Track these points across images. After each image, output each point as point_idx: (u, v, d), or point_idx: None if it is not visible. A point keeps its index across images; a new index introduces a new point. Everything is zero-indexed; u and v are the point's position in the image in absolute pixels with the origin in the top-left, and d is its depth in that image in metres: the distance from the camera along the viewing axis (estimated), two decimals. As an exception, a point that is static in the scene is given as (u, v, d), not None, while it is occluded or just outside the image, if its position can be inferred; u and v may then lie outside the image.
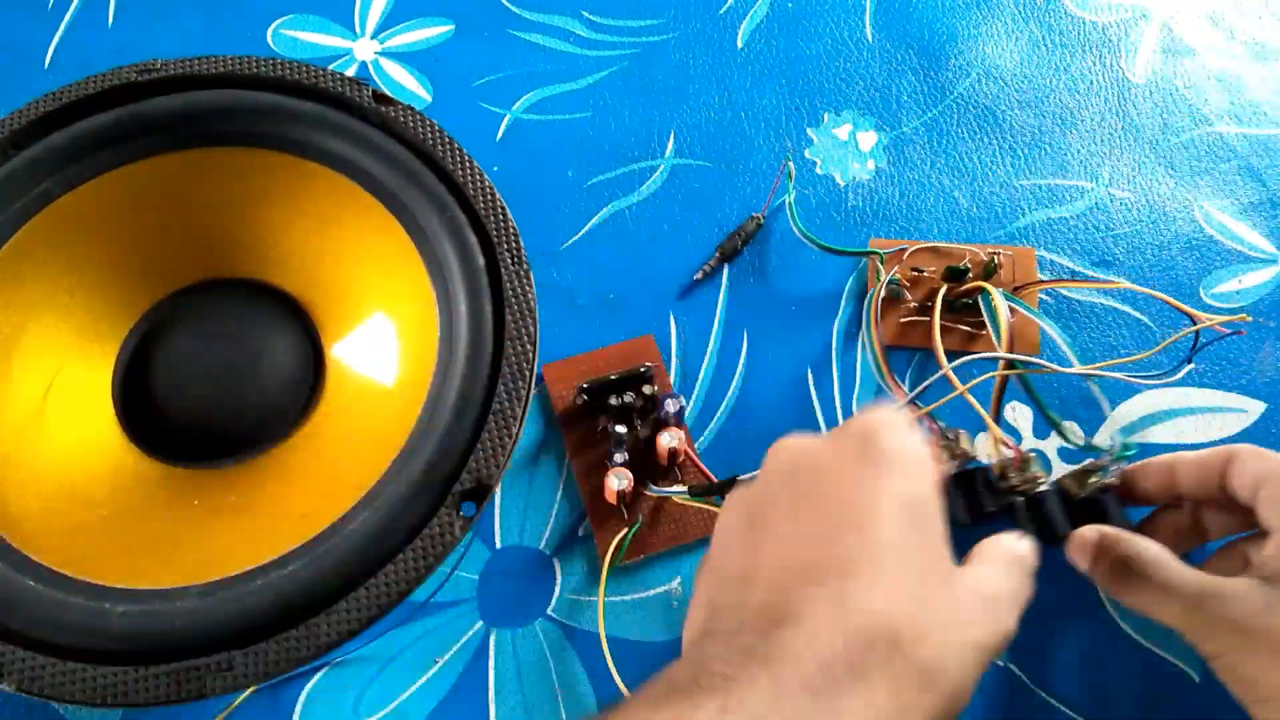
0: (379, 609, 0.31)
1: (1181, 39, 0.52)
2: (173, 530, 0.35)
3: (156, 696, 0.30)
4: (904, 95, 0.50)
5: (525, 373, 0.35)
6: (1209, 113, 0.50)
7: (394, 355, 0.38)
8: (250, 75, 0.40)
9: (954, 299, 0.42)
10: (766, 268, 0.45)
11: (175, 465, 0.38)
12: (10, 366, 0.37)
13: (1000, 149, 0.49)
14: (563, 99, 0.50)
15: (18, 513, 0.34)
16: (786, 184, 0.45)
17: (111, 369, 0.39)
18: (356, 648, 0.37)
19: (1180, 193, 0.47)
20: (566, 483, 0.40)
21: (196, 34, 0.51)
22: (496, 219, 0.38)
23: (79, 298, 0.39)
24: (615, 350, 0.42)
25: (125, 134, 0.39)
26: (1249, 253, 0.46)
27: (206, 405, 0.39)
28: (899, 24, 0.53)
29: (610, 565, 0.37)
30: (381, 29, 0.52)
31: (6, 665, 0.30)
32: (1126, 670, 0.36)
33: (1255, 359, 0.43)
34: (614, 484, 0.37)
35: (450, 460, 0.33)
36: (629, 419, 0.39)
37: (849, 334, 0.43)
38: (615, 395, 0.39)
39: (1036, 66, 0.51)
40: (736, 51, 0.52)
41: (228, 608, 0.31)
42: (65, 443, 0.37)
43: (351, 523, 0.33)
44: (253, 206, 0.40)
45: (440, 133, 0.39)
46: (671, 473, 0.39)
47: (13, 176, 0.37)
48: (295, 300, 0.41)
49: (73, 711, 0.36)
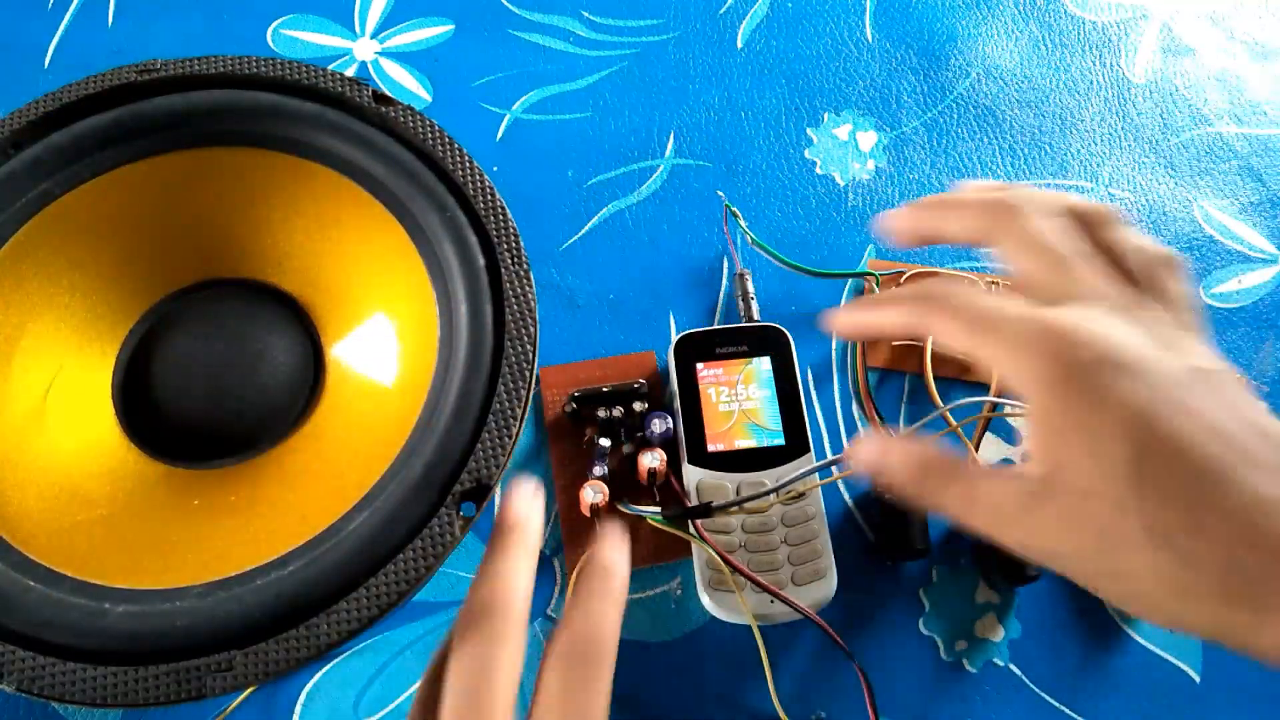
0: (379, 609, 0.31)
1: (1181, 39, 0.52)
2: (173, 530, 0.35)
3: (156, 696, 0.30)
4: (904, 95, 0.50)
5: (525, 373, 0.35)
6: (1209, 113, 0.50)
7: (394, 355, 0.38)
8: (250, 75, 0.40)
9: None
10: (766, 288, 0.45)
11: (175, 465, 0.38)
12: (10, 366, 0.37)
13: (1000, 149, 0.49)
14: (563, 99, 0.50)
15: (18, 513, 0.34)
16: (736, 224, 0.45)
17: (111, 369, 0.39)
18: (356, 647, 0.37)
19: (1180, 193, 0.47)
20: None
21: (196, 34, 0.51)
22: (496, 219, 0.38)
23: (79, 298, 0.39)
24: (612, 362, 0.42)
25: (125, 134, 0.39)
26: (1249, 253, 0.46)
27: (207, 405, 0.39)
28: (899, 24, 0.53)
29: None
30: (381, 29, 0.52)
31: (6, 665, 0.30)
32: (1127, 670, 0.36)
33: (1255, 358, 0.43)
34: (588, 496, 0.37)
35: (450, 460, 0.33)
36: (615, 433, 0.39)
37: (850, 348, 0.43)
38: (605, 408, 0.39)
39: (1036, 66, 0.51)
40: (736, 51, 0.52)
41: (228, 608, 0.31)
42: (65, 442, 0.37)
43: (351, 523, 0.33)
44: (253, 206, 0.40)
45: (440, 133, 0.39)
46: (650, 493, 0.39)
47: (13, 176, 0.37)
48: (295, 300, 0.41)
49: (73, 711, 0.36)
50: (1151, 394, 0.24)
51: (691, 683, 0.36)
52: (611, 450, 0.39)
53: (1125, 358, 0.25)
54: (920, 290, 0.28)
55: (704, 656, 0.37)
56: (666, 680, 0.36)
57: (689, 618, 0.37)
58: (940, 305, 0.28)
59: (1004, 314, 0.26)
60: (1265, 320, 0.44)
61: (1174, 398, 0.24)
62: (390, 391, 0.37)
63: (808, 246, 0.46)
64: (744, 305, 0.43)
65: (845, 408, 0.42)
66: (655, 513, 0.36)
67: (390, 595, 0.31)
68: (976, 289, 0.28)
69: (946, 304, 0.28)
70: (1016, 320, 0.26)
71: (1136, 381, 0.24)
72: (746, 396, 0.39)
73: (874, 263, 0.45)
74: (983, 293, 0.28)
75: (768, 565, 0.36)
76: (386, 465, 0.34)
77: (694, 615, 0.37)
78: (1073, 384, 0.25)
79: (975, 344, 0.27)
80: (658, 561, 0.38)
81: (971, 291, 0.28)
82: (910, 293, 0.29)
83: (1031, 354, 0.25)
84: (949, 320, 0.27)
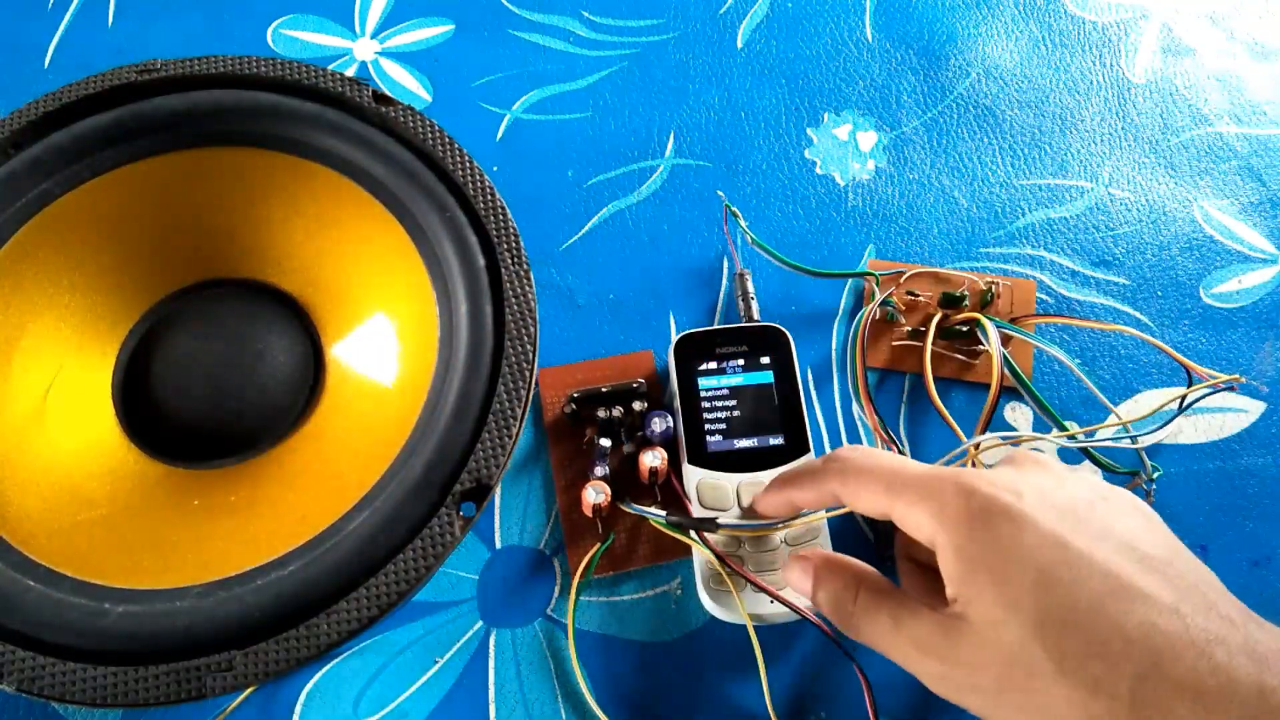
0: (379, 609, 0.31)
1: (1181, 39, 0.52)
2: (173, 530, 0.35)
3: (156, 696, 0.30)
4: (904, 95, 0.50)
5: (525, 373, 0.35)
6: (1209, 113, 0.50)
7: (394, 355, 0.38)
8: (250, 75, 0.40)
9: (949, 326, 0.42)
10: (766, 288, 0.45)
11: (175, 465, 0.38)
12: (10, 366, 0.37)
13: (1000, 149, 0.49)
14: (563, 99, 0.50)
15: (18, 513, 0.34)
16: (736, 224, 0.45)
17: (111, 369, 0.39)
18: (356, 647, 0.37)
19: (1180, 193, 0.47)
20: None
21: (196, 34, 0.51)
22: (496, 219, 0.38)
23: (79, 298, 0.39)
24: (611, 362, 0.42)
25: (125, 134, 0.39)
26: (1249, 253, 0.46)
27: (206, 405, 0.39)
28: (899, 24, 0.53)
29: (580, 582, 0.36)
30: (381, 29, 0.52)
31: (6, 665, 0.30)
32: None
33: (1254, 359, 0.43)
34: (590, 496, 0.37)
35: (450, 460, 0.33)
36: (615, 433, 0.39)
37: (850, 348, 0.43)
38: (604, 408, 0.39)
39: (1036, 66, 0.51)
40: (736, 51, 0.52)
41: (228, 608, 0.31)
42: (65, 442, 0.37)
43: (351, 523, 0.33)
44: (253, 206, 0.40)
45: (440, 133, 0.39)
46: (651, 492, 0.39)
47: (13, 176, 0.37)
48: (295, 300, 0.41)
49: (73, 711, 0.36)
50: (1049, 528, 0.27)
51: (691, 683, 0.36)
52: (612, 450, 0.39)
53: (1022, 500, 0.27)
54: (836, 465, 0.32)
55: (704, 656, 0.37)
56: (666, 680, 0.36)
57: (689, 618, 0.37)
58: (857, 475, 0.31)
59: (914, 471, 0.30)
60: (1265, 320, 0.44)
61: (1066, 531, 0.27)
62: (390, 391, 0.37)
63: (808, 246, 0.46)
64: (744, 305, 0.43)
65: (845, 408, 0.42)
66: (660, 516, 0.36)
67: (390, 595, 0.31)
68: (881, 452, 0.31)
69: (863, 473, 0.31)
70: (925, 474, 0.29)
71: (1032, 519, 0.27)
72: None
73: (874, 263, 0.45)
74: (889, 455, 0.31)
75: (768, 565, 0.36)
76: (386, 465, 0.34)
77: (694, 615, 0.37)
78: (977, 523, 0.27)
79: (892, 499, 0.30)
80: (659, 560, 0.38)
81: (879, 455, 0.31)
82: (828, 468, 0.32)
83: (942, 499, 0.28)
84: (868, 486, 0.30)
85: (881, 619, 0.30)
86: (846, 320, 0.44)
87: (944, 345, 0.42)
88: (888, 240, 0.46)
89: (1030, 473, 0.29)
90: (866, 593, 0.30)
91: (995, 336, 0.39)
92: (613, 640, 0.37)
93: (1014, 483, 0.28)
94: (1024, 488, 0.28)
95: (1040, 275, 0.45)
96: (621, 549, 0.38)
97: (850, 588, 0.31)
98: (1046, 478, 0.29)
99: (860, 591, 0.30)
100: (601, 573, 0.37)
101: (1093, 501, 0.28)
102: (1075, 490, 0.29)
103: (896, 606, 0.29)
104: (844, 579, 0.31)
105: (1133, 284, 0.45)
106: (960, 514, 0.28)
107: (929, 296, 0.43)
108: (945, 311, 0.42)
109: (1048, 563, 0.26)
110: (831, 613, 0.31)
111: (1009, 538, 0.27)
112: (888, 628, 0.29)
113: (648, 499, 0.38)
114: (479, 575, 0.38)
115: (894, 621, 0.29)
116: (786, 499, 0.34)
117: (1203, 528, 0.39)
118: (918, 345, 0.42)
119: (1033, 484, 0.28)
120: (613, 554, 0.38)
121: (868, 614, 0.30)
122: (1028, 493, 0.28)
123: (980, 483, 0.28)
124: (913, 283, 0.44)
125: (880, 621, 0.30)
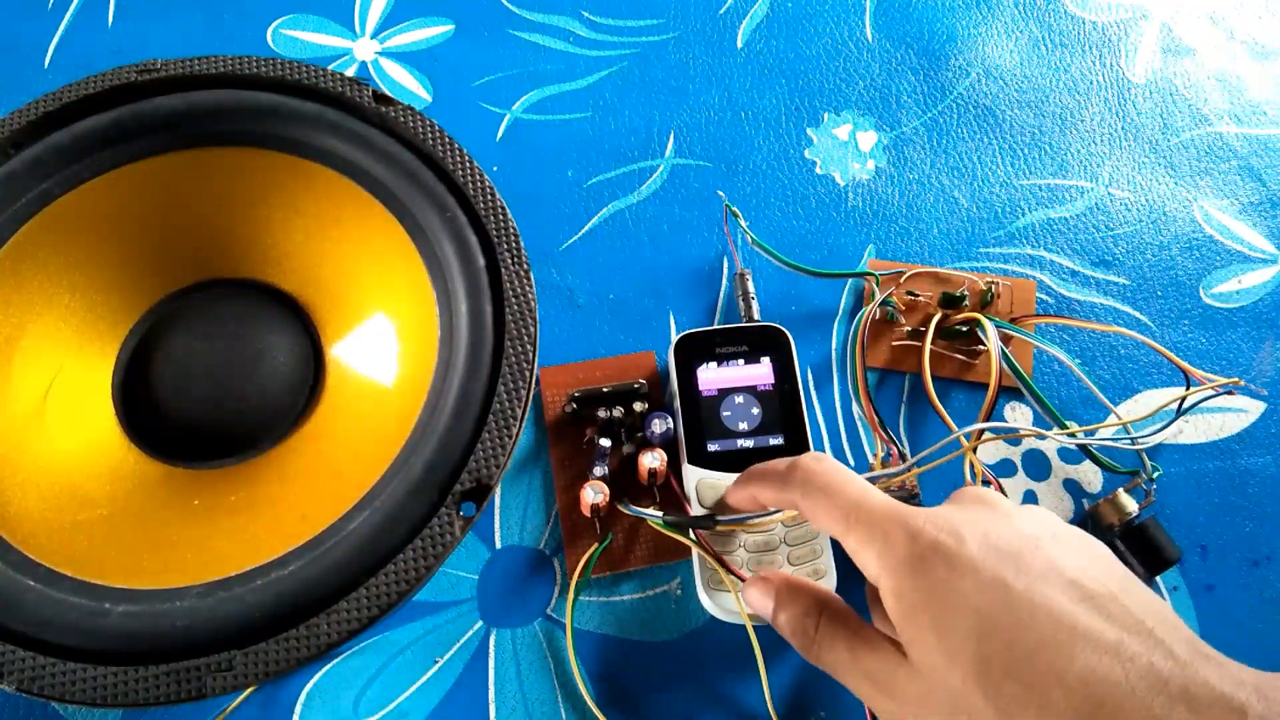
0: (379, 609, 0.31)
1: (1181, 39, 0.52)
2: (173, 530, 0.35)
3: (156, 696, 0.30)
4: (904, 95, 0.50)
5: (525, 373, 0.35)
6: (1209, 113, 0.50)
7: (394, 355, 0.38)
8: (250, 75, 0.40)
9: (948, 327, 0.42)
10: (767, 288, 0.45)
11: (175, 465, 0.38)
12: (10, 366, 0.37)
13: (1000, 149, 0.49)
14: (562, 99, 0.50)
15: (18, 513, 0.34)
16: (736, 224, 0.45)
17: (111, 369, 0.39)
18: (356, 647, 0.37)
19: (1180, 193, 0.47)
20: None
21: (196, 34, 0.51)
22: (496, 219, 0.38)
23: (79, 297, 0.39)
24: (611, 362, 0.42)
25: (125, 134, 0.39)
26: (1249, 253, 0.46)
27: (207, 405, 0.39)
28: (899, 24, 0.53)
29: (578, 582, 0.36)
30: (381, 29, 0.52)
31: (6, 665, 0.30)
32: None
33: (1254, 359, 0.43)
34: (589, 496, 0.37)
35: (450, 460, 0.33)
36: (615, 434, 0.39)
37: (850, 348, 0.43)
38: (605, 408, 0.39)
39: (1036, 66, 0.51)
40: (736, 51, 0.52)
41: (228, 608, 0.31)
42: (65, 442, 0.37)
43: (351, 523, 0.33)
44: (253, 206, 0.40)
45: (440, 133, 0.39)
46: (650, 493, 0.39)
47: (13, 176, 0.37)
48: (295, 300, 0.41)
49: (73, 711, 0.36)
50: (990, 571, 0.27)
51: (691, 683, 0.36)
52: (612, 450, 0.39)
53: (963, 545, 0.27)
54: (799, 475, 0.32)
55: (703, 656, 0.37)
56: (666, 680, 0.36)
57: (689, 618, 0.37)
58: (817, 496, 0.31)
59: (871, 504, 0.29)
60: (1265, 320, 0.44)
61: (1008, 573, 0.27)
62: (390, 391, 0.37)
63: (808, 246, 0.46)
64: (744, 305, 0.43)
65: (845, 408, 0.42)
66: (657, 516, 0.36)
67: (390, 595, 0.31)
68: (845, 474, 0.31)
69: (824, 495, 0.31)
70: (880, 512, 0.29)
71: (971, 563, 0.27)
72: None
73: (874, 263, 0.45)
74: (853, 480, 0.31)
75: (768, 565, 0.36)
76: (387, 465, 0.34)
77: (694, 615, 0.37)
78: (918, 567, 0.27)
79: (846, 532, 0.30)
80: (658, 561, 0.38)
81: (843, 479, 0.31)
82: (791, 476, 0.32)
83: (888, 541, 0.28)
84: (827, 512, 0.30)
85: (839, 648, 0.30)
86: (846, 320, 0.44)
87: (944, 345, 0.42)
88: (888, 240, 0.46)
89: (974, 512, 0.29)
90: (827, 620, 0.30)
91: (995, 336, 0.39)
92: (613, 640, 0.37)
93: (957, 526, 0.28)
94: (966, 531, 0.28)
95: (1040, 275, 0.45)
96: (620, 549, 0.38)
97: (812, 614, 0.31)
98: (990, 517, 0.29)
99: (821, 619, 0.31)
100: (600, 573, 0.37)
101: (1038, 539, 0.28)
102: (1021, 527, 0.28)
103: (853, 637, 0.30)
104: (805, 604, 0.31)
105: (1133, 284, 0.45)
106: (901, 559, 0.28)
107: (929, 296, 0.43)
108: (945, 311, 0.42)
109: (987, 608, 0.26)
110: (791, 636, 0.31)
111: (946, 584, 0.27)
112: (845, 659, 0.29)
113: (646, 500, 0.38)
114: (479, 575, 0.38)
115: (851, 653, 0.29)
116: (752, 495, 0.34)
117: (1203, 528, 0.39)
118: (917, 345, 0.42)
119: (976, 524, 0.28)
120: (611, 554, 0.38)
121: (827, 641, 0.30)
122: (969, 535, 0.27)
123: (926, 525, 0.28)
124: (913, 283, 0.44)
125: (838, 650, 0.30)
